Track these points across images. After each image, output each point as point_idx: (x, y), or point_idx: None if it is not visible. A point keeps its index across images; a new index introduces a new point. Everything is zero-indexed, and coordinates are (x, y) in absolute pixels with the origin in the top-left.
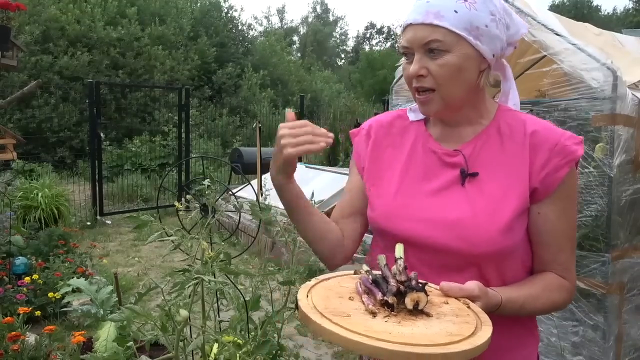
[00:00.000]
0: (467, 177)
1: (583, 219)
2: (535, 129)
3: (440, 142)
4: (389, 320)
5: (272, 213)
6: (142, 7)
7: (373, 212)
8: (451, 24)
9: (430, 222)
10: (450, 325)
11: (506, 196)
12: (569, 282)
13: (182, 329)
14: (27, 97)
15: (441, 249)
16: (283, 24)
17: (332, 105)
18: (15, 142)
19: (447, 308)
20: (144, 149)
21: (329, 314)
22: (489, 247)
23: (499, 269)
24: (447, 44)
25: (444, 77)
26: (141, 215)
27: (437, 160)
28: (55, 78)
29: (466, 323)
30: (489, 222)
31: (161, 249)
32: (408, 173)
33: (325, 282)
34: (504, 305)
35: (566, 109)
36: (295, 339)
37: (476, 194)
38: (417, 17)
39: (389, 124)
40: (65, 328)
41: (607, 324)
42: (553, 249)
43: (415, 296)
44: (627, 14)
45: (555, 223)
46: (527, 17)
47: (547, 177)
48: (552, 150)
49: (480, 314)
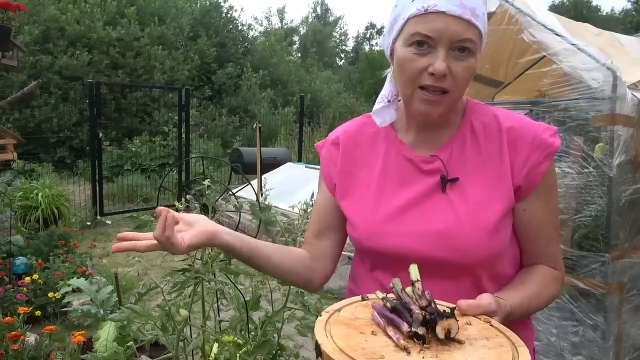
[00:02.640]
0: (447, 183)
1: (583, 219)
2: (511, 125)
3: (414, 149)
4: (425, 355)
5: (272, 213)
6: (141, 7)
7: (355, 232)
8: (482, 25)
9: (416, 235)
10: (487, 352)
11: (490, 198)
12: (559, 271)
13: (182, 328)
14: (27, 97)
15: (432, 261)
16: (283, 24)
17: (332, 105)
18: (15, 142)
19: (472, 330)
20: (144, 149)
21: (360, 357)
22: (480, 253)
23: (491, 272)
24: (476, 47)
25: (464, 80)
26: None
27: (413, 169)
28: (55, 78)
29: (500, 346)
30: (475, 228)
31: None
32: (385, 186)
33: (339, 315)
34: (513, 312)
35: (566, 109)
36: (295, 339)
37: (459, 199)
38: (453, 8)
39: (357, 133)
40: (65, 328)
41: (606, 324)
42: (542, 241)
43: (446, 324)
44: (626, 14)
45: (542, 217)
46: (527, 17)
47: (530, 173)
48: (531, 144)
49: (507, 332)
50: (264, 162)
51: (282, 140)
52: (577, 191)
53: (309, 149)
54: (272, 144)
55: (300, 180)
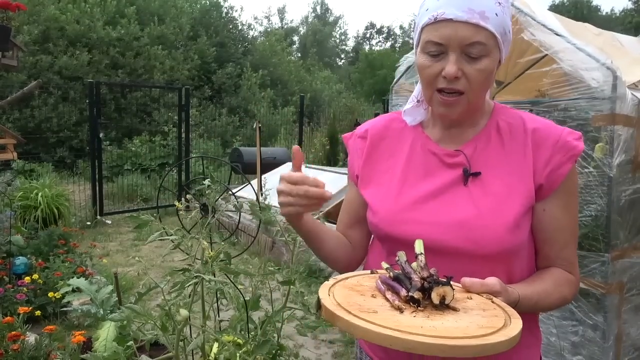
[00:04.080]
0: (469, 176)
1: (583, 218)
2: (536, 127)
3: (440, 144)
4: (417, 315)
5: (272, 213)
6: (141, 7)
7: (375, 217)
8: (494, 27)
9: (436, 224)
10: (479, 319)
11: (511, 194)
12: (574, 276)
13: (182, 328)
14: (27, 97)
15: (449, 251)
16: (283, 23)
17: (332, 105)
18: (15, 142)
19: (472, 303)
20: (144, 148)
21: (355, 310)
22: (497, 247)
23: (507, 269)
24: (488, 48)
25: (478, 81)
26: (141, 215)
27: (437, 162)
28: (54, 78)
29: (495, 316)
30: (495, 221)
31: (161, 249)
32: (408, 176)
33: (345, 282)
34: (520, 302)
35: (566, 108)
36: (295, 339)
37: (480, 193)
38: (460, 14)
39: (384, 127)
40: (65, 328)
41: (606, 323)
42: (558, 245)
43: (441, 290)
44: (626, 14)
45: (561, 219)
46: (527, 17)
47: (552, 174)
48: (555, 146)
49: (506, 307)
50: (264, 162)
51: (282, 140)
52: (577, 191)
53: (309, 149)
54: (272, 143)
55: None
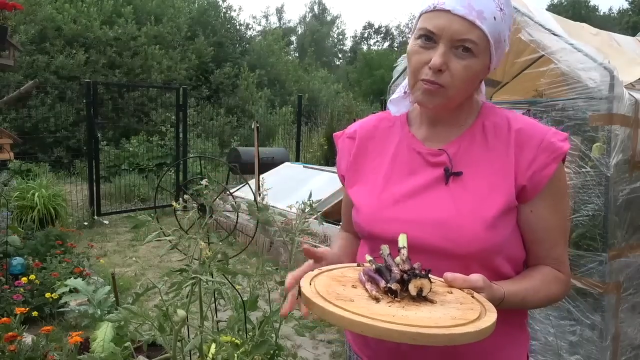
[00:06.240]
0: (450, 176)
1: (580, 218)
2: (520, 127)
3: (425, 143)
4: (393, 305)
5: (269, 213)
6: (138, 6)
7: (358, 216)
8: (489, 29)
9: (415, 222)
10: (454, 311)
11: (491, 193)
12: (564, 274)
13: (180, 329)
14: (23, 97)
15: (428, 250)
16: (281, 23)
17: (330, 105)
18: (12, 142)
19: (451, 297)
20: (142, 148)
21: (333, 298)
22: (476, 246)
23: (489, 267)
24: (478, 49)
25: (461, 79)
26: (139, 215)
27: (421, 161)
28: (51, 78)
29: (470, 309)
30: (472, 220)
31: (159, 249)
32: (392, 175)
33: (329, 272)
34: (506, 298)
35: (563, 108)
36: (293, 339)
37: (460, 192)
38: (458, 8)
39: (374, 127)
40: (62, 328)
41: (604, 323)
42: (547, 244)
43: (418, 283)
44: (623, 14)
45: (549, 219)
46: (525, 17)
47: (535, 175)
48: (539, 147)
49: (485, 302)
50: (262, 162)
51: (280, 140)
52: (575, 191)
53: (307, 148)
54: (269, 143)
55: (298, 180)
